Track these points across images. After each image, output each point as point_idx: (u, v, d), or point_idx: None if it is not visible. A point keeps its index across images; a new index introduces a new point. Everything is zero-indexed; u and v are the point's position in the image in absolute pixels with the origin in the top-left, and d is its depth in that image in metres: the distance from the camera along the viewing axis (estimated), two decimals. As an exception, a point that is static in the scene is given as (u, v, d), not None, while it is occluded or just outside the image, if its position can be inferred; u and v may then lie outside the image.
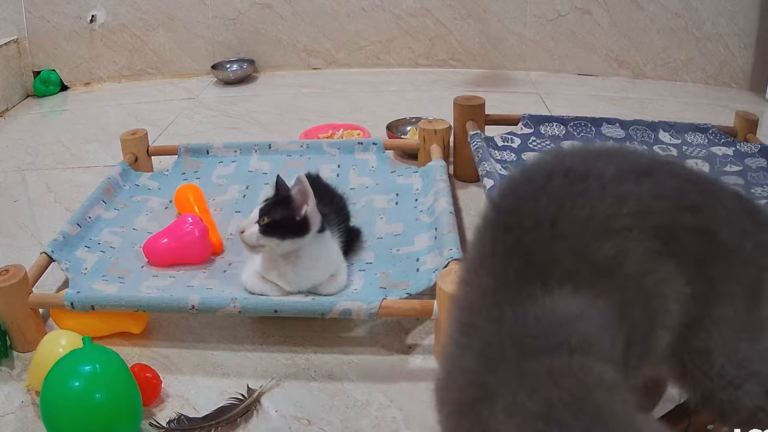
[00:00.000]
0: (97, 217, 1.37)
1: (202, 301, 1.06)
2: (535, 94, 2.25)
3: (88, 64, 2.51)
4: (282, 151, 1.60)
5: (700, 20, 2.27)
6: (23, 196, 1.70)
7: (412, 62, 2.53)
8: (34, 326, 1.12)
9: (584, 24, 2.37)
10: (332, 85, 2.41)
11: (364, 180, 1.51)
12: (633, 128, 1.59)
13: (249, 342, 1.14)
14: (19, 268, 1.10)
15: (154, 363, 1.07)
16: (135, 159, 1.59)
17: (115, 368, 0.91)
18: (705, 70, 2.32)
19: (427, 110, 1.96)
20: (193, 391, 1.03)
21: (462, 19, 2.45)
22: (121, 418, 0.89)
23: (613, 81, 2.38)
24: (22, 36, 2.41)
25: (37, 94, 2.42)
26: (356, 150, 1.60)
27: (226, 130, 2.04)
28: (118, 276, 1.21)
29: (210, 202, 1.45)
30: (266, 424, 0.97)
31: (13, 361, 1.10)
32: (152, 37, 2.50)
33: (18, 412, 1.00)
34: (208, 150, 1.61)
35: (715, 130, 1.59)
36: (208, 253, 1.28)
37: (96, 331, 1.11)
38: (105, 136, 2.01)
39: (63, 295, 1.09)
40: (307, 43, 2.53)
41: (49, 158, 1.90)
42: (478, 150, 1.42)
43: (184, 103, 2.28)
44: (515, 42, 2.45)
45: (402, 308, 1.04)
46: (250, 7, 2.47)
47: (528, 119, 1.59)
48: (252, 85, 2.45)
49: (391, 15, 2.47)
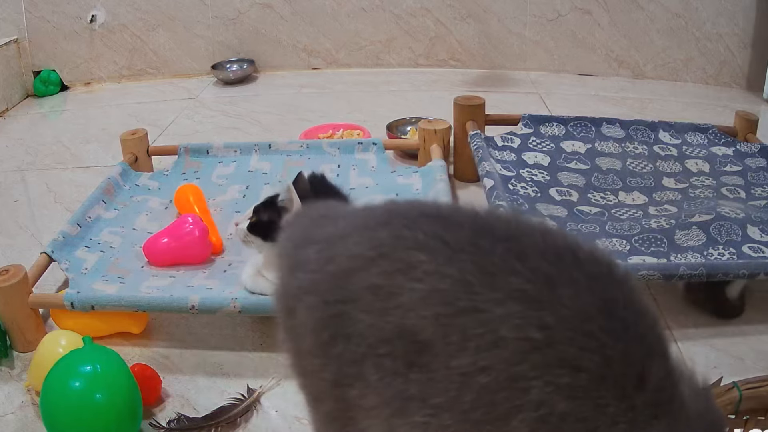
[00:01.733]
0: (97, 217, 1.37)
1: (202, 301, 1.06)
2: (535, 94, 2.25)
3: (88, 64, 2.51)
4: (282, 151, 1.60)
5: (700, 20, 2.27)
6: (23, 196, 1.70)
7: (412, 62, 2.53)
8: (34, 326, 1.12)
9: (584, 24, 2.37)
10: (332, 85, 2.41)
11: (364, 180, 1.51)
12: (633, 128, 1.59)
13: (249, 342, 1.14)
14: (19, 268, 1.10)
15: (154, 363, 1.07)
16: (135, 159, 1.59)
17: (115, 368, 0.91)
18: (705, 70, 2.32)
19: (427, 110, 1.95)
20: (193, 391, 1.03)
21: (462, 19, 2.45)
22: (121, 418, 0.89)
23: (613, 81, 2.38)
24: (22, 36, 2.41)
25: (37, 94, 2.42)
26: (356, 150, 1.60)
27: (226, 130, 2.04)
28: (118, 276, 1.21)
29: (210, 202, 1.45)
30: (266, 424, 0.97)
31: (13, 361, 1.10)
32: (152, 37, 2.50)
33: (18, 412, 1.00)
34: (208, 150, 1.61)
35: (715, 130, 1.59)
36: (208, 253, 1.28)
37: (96, 331, 1.11)
38: (105, 136, 2.01)
39: (63, 295, 1.09)
40: (307, 43, 2.53)
41: (49, 158, 1.90)
42: (478, 150, 1.42)
43: (184, 103, 2.28)
44: (515, 42, 2.45)
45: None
46: (250, 7, 2.47)
47: (528, 119, 1.59)
48: (252, 85, 2.45)
49: (391, 15, 2.47)
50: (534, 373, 0.45)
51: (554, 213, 1.30)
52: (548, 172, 1.44)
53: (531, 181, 1.40)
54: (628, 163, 1.49)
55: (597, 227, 1.26)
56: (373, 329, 0.50)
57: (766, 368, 1.03)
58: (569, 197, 1.37)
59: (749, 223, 1.19)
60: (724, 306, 1.15)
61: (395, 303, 0.49)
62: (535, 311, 0.46)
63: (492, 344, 0.46)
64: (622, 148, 1.54)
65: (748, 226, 1.19)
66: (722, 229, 1.18)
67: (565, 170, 1.46)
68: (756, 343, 1.10)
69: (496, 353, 0.45)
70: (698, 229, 1.19)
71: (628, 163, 1.50)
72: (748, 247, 1.15)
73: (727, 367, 1.04)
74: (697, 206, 1.30)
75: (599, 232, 1.24)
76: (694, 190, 1.40)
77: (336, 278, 0.54)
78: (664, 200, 1.38)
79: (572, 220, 1.28)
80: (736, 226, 1.19)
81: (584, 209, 1.34)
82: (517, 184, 1.37)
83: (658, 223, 1.25)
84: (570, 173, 1.45)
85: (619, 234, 1.23)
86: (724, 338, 1.11)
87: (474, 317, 0.46)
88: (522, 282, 0.47)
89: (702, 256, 1.14)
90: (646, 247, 1.18)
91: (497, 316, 0.46)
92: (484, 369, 0.46)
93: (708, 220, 1.20)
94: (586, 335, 0.45)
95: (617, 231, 1.24)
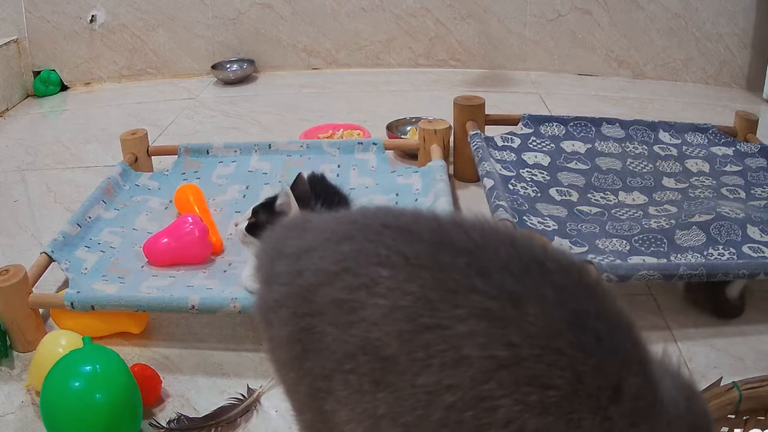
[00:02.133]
0: (97, 217, 1.37)
1: (202, 301, 1.06)
2: (535, 94, 2.25)
3: (88, 64, 2.51)
4: (282, 151, 1.60)
5: (700, 20, 2.27)
6: (23, 196, 1.70)
7: (412, 62, 2.53)
8: (34, 326, 1.12)
9: (584, 24, 2.37)
10: (332, 85, 2.41)
11: (364, 180, 1.51)
12: (633, 128, 1.59)
13: (249, 342, 1.14)
14: (19, 268, 1.10)
15: (154, 363, 1.07)
16: (135, 159, 1.59)
17: (115, 368, 0.91)
18: (705, 70, 2.32)
19: (427, 110, 1.95)
20: (193, 391, 1.03)
21: (462, 19, 2.45)
22: (121, 418, 0.89)
23: (613, 81, 2.38)
24: (22, 36, 2.41)
25: (37, 94, 2.42)
26: (356, 150, 1.60)
27: (226, 130, 2.04)
28: (118, 276, 1.21)
29: (210, 202, 1.45)
30: (266, 424, 0.97)
31: (13, 361, 1.10)
32: (152, 37, 2.50)
33: (18, 412, 1.00)
34: (208, 150, 1.61)
35: (715, 130, 1.59)
36: (208, 253, 1.28)
37: (96, 331, 1.11)
38: (105, 136, 2.01)
39: (63, 295, 1.09)
40: (307, 43, 2.53)
41: (49, 158, 1.90)
42: (478, 150, 1.42)
43: (184, 103, 2.28)
44: (515, 42, 2.45)
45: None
46: (250, 7, 2.47)
47: (528, 119, 1.59)
48: (252, 85, 2.45)
49: (391, 15, 2.47)
50: (501, 392, 0.44)
51: (554, 213, 1.30)
52: (548, 172, 1.44)
53: (531, 181, 1.40)
54: (628, 163, 1.49)
55: (597, 227, 1.26)
56: (339, 343, 0.51)
57: (766, 368, 1.03)
58: (569, 197, 1.37)
59: (749, 223, 1.20)
60: (724, 306, 1.15)
61: (359, 317, 0.49)
62: (500, 329, 0.45)
63: (456, 362, 0.45)
64: (622, 148, 1.54)
65: (748, 226, 1.19)
66: (722, 229, 1.18)
67: (565, 170, 1.46)
68: (756, 343, 1.10)
69: (462, 371, 0.45)
70: (698, 229, 1.19)
71: (628, 163, 1.50)
72: (748, 247, 1.15)
73: (727, 367, 1.04)
74: (697, 206, 1.30)
75: (599, 232, 1.24)
76: (694, 190, 1.40)
77: (305, 291, 0.54)
78: (664, 200, 1.38)
79: (572, 220, 1.28)
80: (736, 226, 1.19)
81: (584, 209, 1.34)
82: (517, 184, 1.37)
83: (658, 223, 1.25)
84: (570, 173, 1.45)
85: (619, 234, 1.23)
86: (724, 338, 1.11)
87: (437, 334, 0.46)
88: (484, 299, 0.46)
89: (702, 256, 1.14)
90: (646, 247, 1.18)
91: (460, 333, 0.45)
92: (450, 387, 0.45)
93: (708, 220, 1.20)
94: (555, 352, 0.44)
95: (617, 231, 1.24)
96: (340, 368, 0.51)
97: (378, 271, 0.49)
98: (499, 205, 1.18)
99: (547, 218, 1.26)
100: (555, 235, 1.20)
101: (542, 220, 1.25)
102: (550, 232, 1.21)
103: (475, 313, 0.46)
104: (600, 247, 1.19)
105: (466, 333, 0.45)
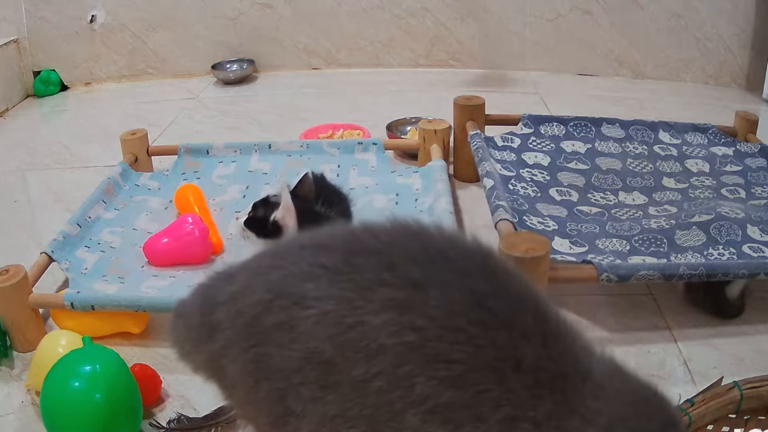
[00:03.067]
0: (97, 217, 1.37)
1: (202, 301, 1.06)
2: (535, 94, 2.25)
3: (88, 64, 2.51)
4: (282, 151, 1.60)
5: (700, 20, 2.27)
6: (23, 196, 1.70)
7: (412, 62, 2.53)
8: (34, 326, 1.12)
9: (584, 24, 2.37)
10: (332, 85, 2.41)
11: (364, 180, 1.51)
12: (633, 128, 1.59)
13: (249, 342, 1.14)
14: (19, 268, 1.10)
15: (154, 363, 1.06)
16: (135, 159, 1.59)
17: (115, 368, 0.91)
18: (705, 70, 2.32)
19: (427, 110, 1.95)
20: (193, 391, 1.03)
21: (462, 19, 2.45)
22: (121, 418, 0.89)
23: (613, 81, 2.38)
24: (22, 36, 2.41)
25: (37, 94, 2.42)
26: (356, 150, 1.60)
27: (226, 130, 2.04)
28: (118, 276, 1.21)
29: (210, 202, 1.45)
30: (266, 424, 0.96)
31: (13, 361, 1.10)
32: (152, 37, 2.50)
33: (18, 412, 1.00)
34: (208, 150, 1.61)
35: (715, 130, 1.59)
36: (208, 253, 1.28)
37: (96, 331, 1.11)
38: (105, 136, 2.01)
39: (63, 295, 1.09)
40: (307, 43, 2.53)
41: (49, 158, 1.90)
42: (478, 150, 1.42)
43: (184, 103, 2.28)
44: (515, 42, 2.45)
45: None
46: (250, 7, 2.47)
47: (528, 119, 1.59)
48: (252, 85, 2.45)
49: (391, 15, 2.47)
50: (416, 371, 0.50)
51: (554, 213, 1.30)
52: (548, 172, 1.44)
53: (531, 181, 1.40)
54: (628, 163, 1.49)
55: (597, 227, 1.26)
56: (285, 360, 0.54)
57: (766, 368, 1.03)
58: (569, 197, 1.37)
59: (749, 223, 1.20)
60: (724, 306, 1.15)
61: (297, 332, 0.54)
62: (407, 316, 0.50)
63: (377, 351, 0.50)
64: (622, 148, 1.54)
65: (748, 226, 1.19)
66: (722, 229, 1.18)
67: (565, 170, 1.46)
68: (756, 343, 1.10)
69: (382, 359, 0.50)
70: (698, 229, 1.19)
71: (628, 163, 1.50)
72: (748, 247, 1.15)
73: (727, 367, 1.04)
74: (697, 206, 1.30)
75: (599, 232, 1.24)
76: (694, 190, 1.40)
77: (248, 327, 0.58)
78: (664, 200, 1.38)
79: (572, 220, 1.28)
80: (736, 226, 1.19)
81: (584, 209, 1.34)
82: (517, 184, 1.37)
83: (658, 223, 1.25)
84: (570, 173, 1.45)
85: (619, 234, 1.23)
86: (724, 338, 1.11)
87: (359, 331, 0.51)
88: (392, 290, 0.51)
89: (702, 256, 1.14)
90: (646, 247, 1.18)
91: (375, 326, 0.51)
92: (376, 375, 0.51)
93: (708, 220, 1.20)
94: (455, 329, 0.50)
95: (617, 231, 1.24)
96: (290, 384, 0.54)
97: (304, 286, 0.54)
98: (499, 205, 1.18)
99: (547, 218, 1.26)
100: (555, 235, 1.20)
101: (542, 220, 1.25)
102: (550, 232, 1.21)
103: (386, 304, 0.51)
104: (600, 247, 1.19)
105: (379, 324, 0.51)
